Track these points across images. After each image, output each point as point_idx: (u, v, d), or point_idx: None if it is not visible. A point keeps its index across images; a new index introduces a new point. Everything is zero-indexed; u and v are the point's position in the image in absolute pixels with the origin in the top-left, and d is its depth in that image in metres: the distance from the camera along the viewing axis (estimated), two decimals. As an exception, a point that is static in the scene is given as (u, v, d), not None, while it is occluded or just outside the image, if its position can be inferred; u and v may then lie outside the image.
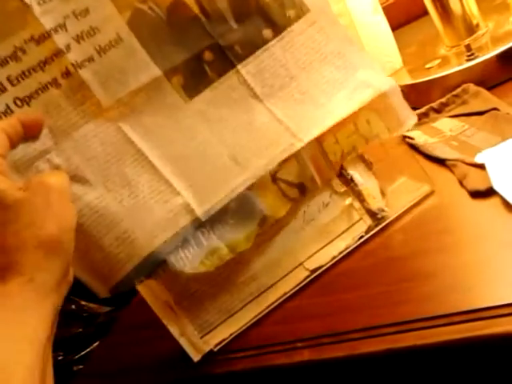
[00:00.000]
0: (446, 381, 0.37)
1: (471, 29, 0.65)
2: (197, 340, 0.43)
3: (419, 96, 0.62)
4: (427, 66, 0.65)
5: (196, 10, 0.43)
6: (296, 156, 0.45)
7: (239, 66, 0.44)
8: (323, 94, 0.46)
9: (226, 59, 0.44)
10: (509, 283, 0.34)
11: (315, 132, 0.45)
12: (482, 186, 0.43)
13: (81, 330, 0.61)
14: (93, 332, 0.60)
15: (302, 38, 0.45)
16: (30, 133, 0.39)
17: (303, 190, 0.46)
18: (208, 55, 0.43)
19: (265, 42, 0.44)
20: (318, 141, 0.45)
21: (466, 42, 0.64)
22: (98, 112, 0.41)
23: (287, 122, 0.45)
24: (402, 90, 0.63)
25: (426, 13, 0.68)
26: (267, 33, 0.44)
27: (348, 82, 0.46)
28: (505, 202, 0.40)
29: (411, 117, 0.47)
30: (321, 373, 0.39)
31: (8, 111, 0.39)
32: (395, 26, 0.73)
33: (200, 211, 0.42)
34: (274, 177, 0.44)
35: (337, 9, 0.70)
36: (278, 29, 0.45)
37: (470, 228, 0.41)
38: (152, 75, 0.42)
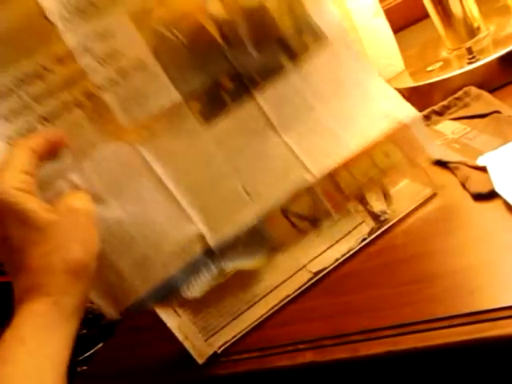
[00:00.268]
0: (449, 383, 0.37)
1: (472, 32, 0.65)
2: (201, 343, 0.43)
3: (421, 99, 0.62)
4: (429, 68, 0.65)
5: (217, 36, 0.43)
6: (308, 190, 0.45)
7: (257, 94, 0.44)
8: (340, 126, 0.46)
9: (244, 87, 0.44)
10: (510, 286, 0.34)
11: (329, 166, 0.45)
12: (484, 189, 0.43)
13: (85, 331, 0.61)
14: (97, 333, 0.60)
15: (321, 67, 0.45)
16: (53, 151, 0.40)
17: (315, 223, 0.46)
18: (226, 82, 0.43)
19: (283, 70, 0.45)
20: (332, 174, 0.45)
21: (468, 44, 0.64)
22: (119, 134, 0.41)
23: (301, 156, 0.45)
24: (404, 93, 0.63)
25: (427, 16, 0.68)
26: (286, 62, 0.45)
27: (366, 113, 0.46)
28: (507, 205, 0.40)
29: (435, 148, 0.46)
30: (323, 374, 0.39)
31: (33, 129, 0.40)
32: (396, 29, 0.73)
33: (212, 241, 0.43)
34: (284, 210, 0.45)
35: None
36: (297, 58, 0.45)
37: (473, 230, 0.41)
38: (172, 100, 0.42)
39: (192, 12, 0.42)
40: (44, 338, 0.34)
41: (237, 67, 0.43)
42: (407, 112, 0.46)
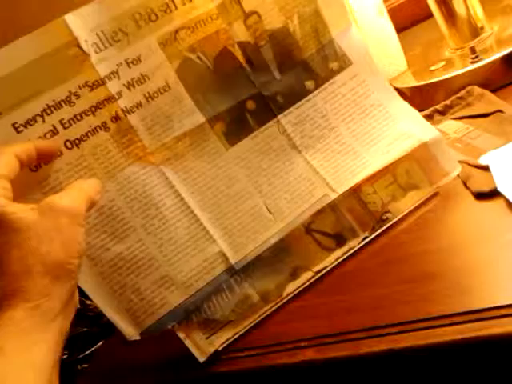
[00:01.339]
0: (448, 381, 0.37)
1: (476, 31, 0.65)
2: (202, 341, 0.44)
3: (424, 98, 0.62)
4: (432, 68, 0.65)
5: (242, 60, 0.44)
6: (332, 207, 0.45)
7: (280, 116, 0.45)
8: (362, 145, 0.47)
9: (268, 109, 0.45)
10: (510, 284, 0.34)
11: (350, 183, 0.46)
12: (486, 188, 0.43)
13: (86, 329, 0.61)
14: (98, 331, 0.60)
15: (344, 89, 0.47)
16: (43, 159, 0.40)
17: (340, 240, 0.46)
18: (250, 104, 0.44)
19: (307, 93, 0.46)
20: (355, 191, 0.46)
21: (471, 44, 0.64)
22: (143, 155, 0.42)
23: (323, 174, 0.46)
24: (406, 93, 0.63)
25: (430, 15, 0.68)
26: (309, 84, 0.46)
27: (388, 133, 0.47)
28: (509, 204, 0.40)
29: (455, 167, 0.47)
30: (324, 372, 0.39)
31: (58, 153, 0.40)
32: (400, 29, 0.73)
33: (234, 260, 0.44)
34: (307, 228, 0.45)
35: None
36: (320, 80, 0.46)
37: (474, 229, 0.41)
38: (196, 122, 0.43)
39: (217, 35, 0.43)
40: (24, 345, 0.32)
41: (261, 89, 0.45)
42: (427, 131, 0.47)
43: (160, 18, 0.42)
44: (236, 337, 0.44)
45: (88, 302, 0.59)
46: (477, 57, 0.60)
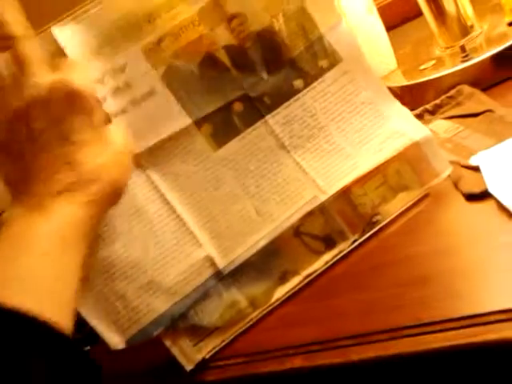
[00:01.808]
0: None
1: (466, 30, 0.64)
2: (190, 349, 0.43)
3: (414, 97, 0.61)
4: (422, 67, 0.64)
5: (228, 63, 0.43)
6: (321, 209, 0.44)
7: (268, 117, 0.44)
8: (352, 145, 0.45)
9: (255, 110, 0.44)
10: (503, 288, 0.33)
11: (340, 184, 0.45)
12: (476, 189, 0.42)
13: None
14: (81, 338, 0.59)
15: (334, 88, 0.45)
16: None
17: (330, 243, 0.45)
18: (237, 106, 0.44)
19: (295, 92, 0.45)
20: (345, 193, 0.45)
21: (461, 43, 0.64)
22: None
23: (313, 175, 0.45)
24: (397, 91, 0.63)
25: (420, 13, 0.68)
26: (298, 83, 0.45)
27: (379, 132, 0.46)
28: (500, 205, 0.39)
29: (446, 167, 0.46)
30: (313, 380, 0.39)
31: None
32: (389, 27, 0.73)
33: (222, 264, 0.43)
34: (296, 230, 0.44)
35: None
36: (309, 79, 0.45)
37: (465, 231, 0.41)
38: (182, 124, 0.42)
39: (200, 41, 0.42)
40: (80, 243, 0.34)
41: (248, 91, 0.44)
42: (418, 131, 0.46)
43: (144, 27, 0.41)
44: (224, 344, 0.43)
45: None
46: (467, 56, 0.60)
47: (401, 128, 0.46)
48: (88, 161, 0.35)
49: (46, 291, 0.32)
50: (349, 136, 0.46)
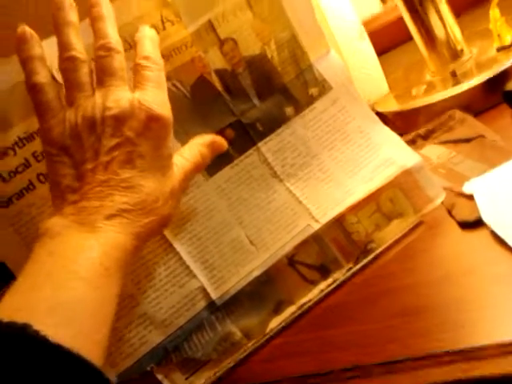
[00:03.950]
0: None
1: (456, 54, 0.65)
2: (182, 382, 0.42)
3: (406, 122, 0.62)
4: (413, 92, 0.65)
5: (220, 87, 0.43)
6: (315, 238, 0.44)
7: (260, 144, 0.44)
8: (344, 173, 0.46)
9: (248, 137, 0.44)
10: (499, 320, 0.33)
11: (334, 212, 0.44)
12: (470, 217, 0.42)
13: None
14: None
15: (324, 115, 0.46)
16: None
17: (324, 272, 0.45)
18: (229, 133, 0.43)
19: (287, 119, 0.45)
20: (339, 221, 0.45)
21: (451, 67, 0.64)
22: None
23: (306, 203, 0.44)
24: (388, 116, 0.63)
25: (411, 37, 0.68)
26: (289, 110, 0.45)
27: (370, 160, 0.46)
28: (494, 234, 0.39)
29: (440, 193, 0.46)
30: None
31: (31, 187, 0.39)
32: (380, 52, 0.73)
33: (215, 295, 0.42)
34: (291, 260, 0.44)
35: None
36: (300, 106, 0.45)
37: (460, 261, 0.40)
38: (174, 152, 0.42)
39: (192, 63, 0.43)
40: (120, 273, 0.33)
41: (240, 117, 0.44)
42: (410, 157, 0.47)
43: (134, 47, 0.41)
44: (217, 376, 0.43)
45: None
46: (457, 81, 0.60)
47: (392, 155, 0.47)
48: (147, 192, 0.34)
49: (85, 325, 0.29)
50: (341, 164, 0.46)
